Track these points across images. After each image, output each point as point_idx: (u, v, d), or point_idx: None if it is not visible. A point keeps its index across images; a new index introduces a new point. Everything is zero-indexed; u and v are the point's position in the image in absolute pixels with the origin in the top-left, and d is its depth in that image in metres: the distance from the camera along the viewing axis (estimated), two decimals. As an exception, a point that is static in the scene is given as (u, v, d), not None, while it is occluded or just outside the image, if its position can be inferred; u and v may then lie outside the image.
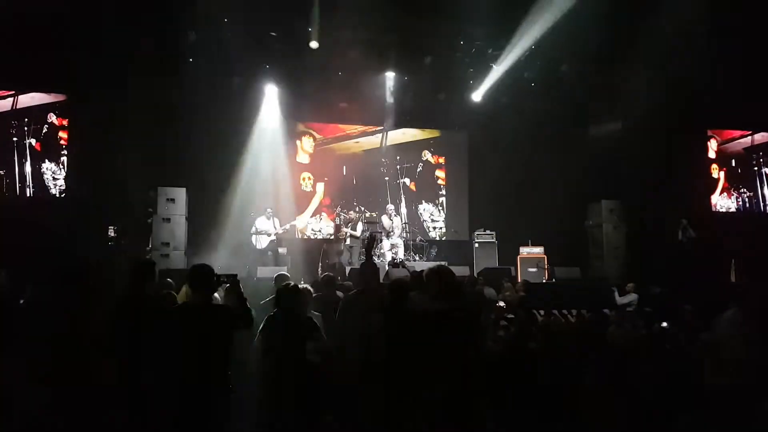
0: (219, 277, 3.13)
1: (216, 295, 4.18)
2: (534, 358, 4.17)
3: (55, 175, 10.29)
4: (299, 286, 3.85)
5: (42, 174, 10.26)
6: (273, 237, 9.94)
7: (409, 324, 3.44)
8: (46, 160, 10.30)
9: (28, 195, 10.15)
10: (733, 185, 13.33)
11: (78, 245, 8.70)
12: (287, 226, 10.37)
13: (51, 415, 2.55)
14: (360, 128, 13.04)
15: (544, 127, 12.08)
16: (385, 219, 10.49)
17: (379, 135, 13.19)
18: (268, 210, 10.22)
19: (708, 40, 10.04)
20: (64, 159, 10.34)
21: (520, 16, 10.08)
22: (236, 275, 3.22)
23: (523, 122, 12.16)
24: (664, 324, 5.80)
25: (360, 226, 10.56)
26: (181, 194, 9.74)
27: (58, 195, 10.24)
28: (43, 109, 10.31)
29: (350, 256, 10.26)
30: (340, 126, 12.99)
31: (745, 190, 13.38)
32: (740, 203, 13.32)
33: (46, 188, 10.28)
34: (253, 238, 9.93)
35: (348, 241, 10.34)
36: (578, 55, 10.90)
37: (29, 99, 10.26)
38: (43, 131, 10.29)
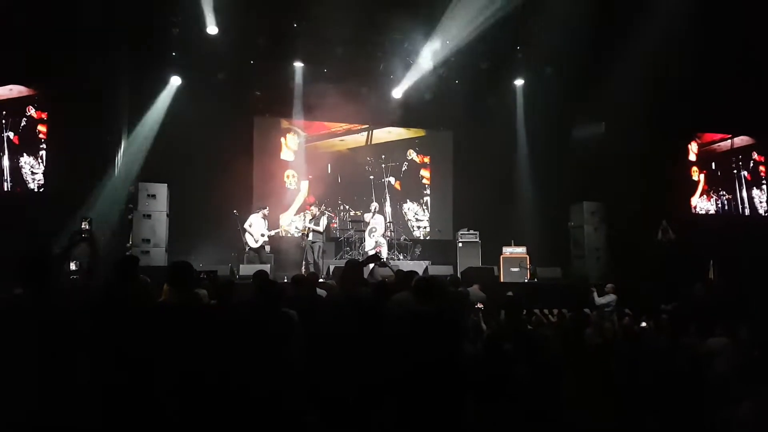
0: (199, 275, 3.10)
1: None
2: (510, 359, 4.17)
3: (33, 170, 10.10)
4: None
5: (20, 168, 10.06)
6: (266, 238, 9.92)
7: (390, 325, 3.43)
8: (25, 154, 10.10)
9: (5, 189, 9.95)
10: (712, 188, 13.53)
11: (56, 241, 8.55)
12: (273, 233, 10.35)
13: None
14: (345, 126, 13.01)
15: (528, 128, 12.17)
16: (368, 217, 10.45)
17: (365, 133, 13.18)
18: (266, 210, 10.16)
19: (690, 42, 10.16)
20: (43, 153, 10.15)
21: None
22: (216, 271, 3.19)
23: (507, 123, 12.27)
24: (643, 324, 5.87)
25: (323, 221, 10.40)
26: (162, 190, 9.62)
27: (36, 189, 10.06)
28: (21, 102, 10.07)
29: (312, 252, 10.13)
30: (326, 124, 12.94)
31: (724, 192, 13.59)
32: (719, 206, 13.53)
33: (24, 183, 10.09)
34: (247, 235, 9.84)
35: (310, 237, 10.19)
36: (562, 56, 10.99)
37: (7, 91, 10.03)
38: (22, 124, 10.08)
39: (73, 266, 6.76)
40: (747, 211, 13.62)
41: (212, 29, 9.96)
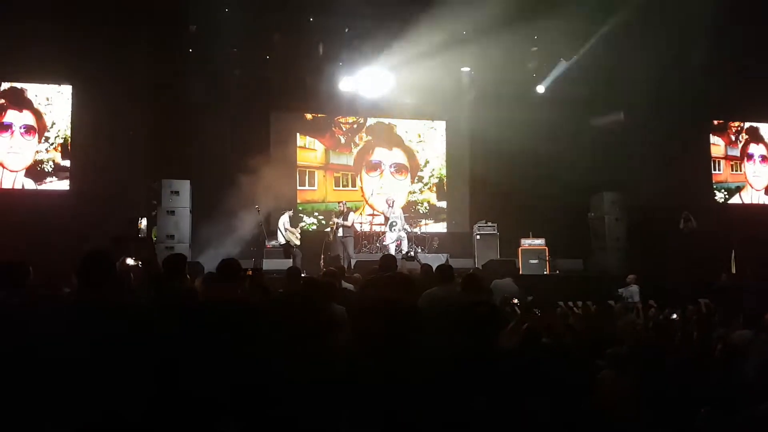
0: (245, 271, 3.17)
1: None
2: (548, 353, 4.20)
3: (57, 167, 10.22)
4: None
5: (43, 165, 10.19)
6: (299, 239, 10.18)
7: (432, 319, 3.46)
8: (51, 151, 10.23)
9: (30, 187, 10.09)
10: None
11: (82, 238, 8.67)
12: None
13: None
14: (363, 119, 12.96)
15: (546, 118, 12.10)
16: (385, 208, 10.45)
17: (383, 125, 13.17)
18: (291, 211, 10.63)
19: (713, 30, 10.05)
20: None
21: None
22: (261, 269, 3.25)
23: (525, 113, 12.20)
24: (674, 316, 5.86)
25: (351, 216, 10.49)
26: (185, 186, 9.72)
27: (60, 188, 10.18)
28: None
29: (346, 248, 10.19)
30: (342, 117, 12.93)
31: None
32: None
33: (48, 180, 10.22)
34: (288, 234, 10.15)
35: (341, 233, 10.29)
36: (581, 45, 10.92)
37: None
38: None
39: (131, 261, 6.86)
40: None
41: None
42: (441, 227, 13.06)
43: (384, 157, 12.98)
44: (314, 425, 3.38)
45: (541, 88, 12.16)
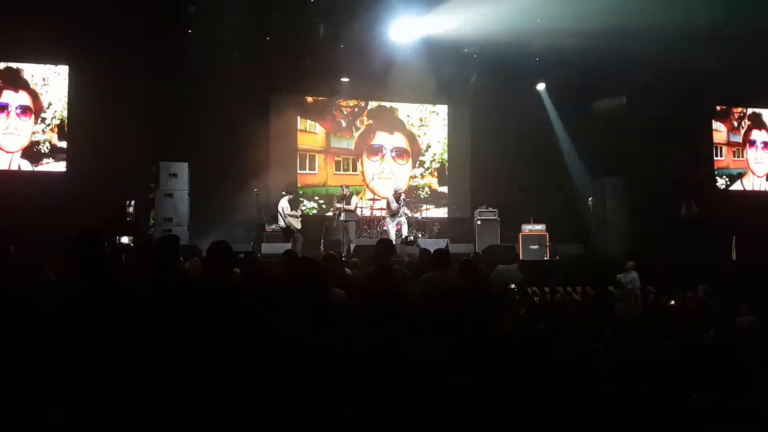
0: (237, 254, 3.11)
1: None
2: (546, 338, 4.17)
3: (54, 148, 10.15)
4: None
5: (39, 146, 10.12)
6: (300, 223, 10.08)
7: (426, 302, 3.43)
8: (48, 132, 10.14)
9: (25, 169, 10.02)
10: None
11: (78, 221, 8.63)
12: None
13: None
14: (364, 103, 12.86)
15: (547, 103, 12.00)
16: (392, 199, 10.37)
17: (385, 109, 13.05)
18: (291, 195, 10.39)
19: (716, 13, 9.89)
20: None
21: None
22: (255, 252, 3.18)
23: (526, 98, 12.10)
24: (672, 302, 5.85)
25: (354, 200, 10.42)
26: (183, 169, 9.64)
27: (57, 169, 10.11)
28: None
29: (347, 232, 10.14)
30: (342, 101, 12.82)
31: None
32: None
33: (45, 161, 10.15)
34: (289, 219, 9.98)
35: (343, 216, 10.22)
36: (582, 28, 10.74)
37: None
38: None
39: (125, 240, 6.84)
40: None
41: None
42: (442, 212, 13.00)
43: (385, 141, 12.89)
44: (314, 413, 3.36)
45: (541, 86, 12.02)
